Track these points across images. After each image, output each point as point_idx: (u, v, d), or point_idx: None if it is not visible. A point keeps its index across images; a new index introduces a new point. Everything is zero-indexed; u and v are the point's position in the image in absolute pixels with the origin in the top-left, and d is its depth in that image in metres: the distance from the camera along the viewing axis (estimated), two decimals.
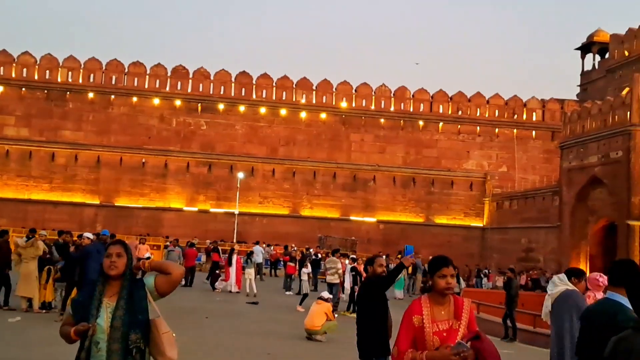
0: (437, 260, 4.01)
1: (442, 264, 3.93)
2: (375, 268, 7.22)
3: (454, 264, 4.06)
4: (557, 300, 6.33)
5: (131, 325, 3.61)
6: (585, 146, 31.92)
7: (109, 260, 3.72)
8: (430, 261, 4.08)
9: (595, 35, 44.62)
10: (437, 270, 3.92)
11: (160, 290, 3.79)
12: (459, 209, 43.72)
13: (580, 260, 32.54)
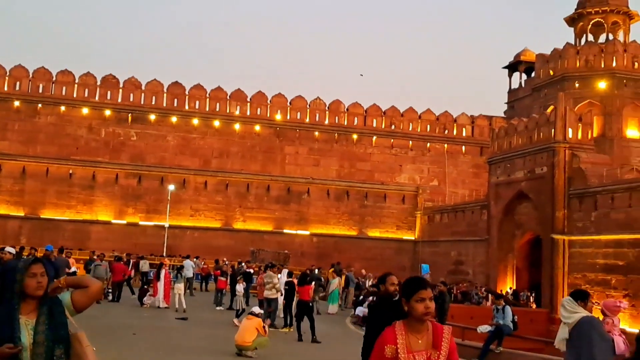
0: (413, 281, 3.64)
1: (419, 285, 3.57)
2: (387, 286, 7.00)
3: (431, 285, 3.74)
4: (576, 327, 6.33)
5: (55, 341, 3.59)
6: (512, 162, 32.86)
7: (35, 281, 3.63)
8: (404, 283, 3.70)
9: (522, 54, 46.17)
10: (413, 293, 3.54)
11: (77, 305, 3.77)
12: (391, 222, 44.20)
13: (507, 273, 33.41)
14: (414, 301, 3.55)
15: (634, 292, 24.58)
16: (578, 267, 27.73)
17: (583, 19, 37.66)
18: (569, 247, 28.42)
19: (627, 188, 26.08)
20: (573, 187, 28.84)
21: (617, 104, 34.92)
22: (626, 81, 35.15)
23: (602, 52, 35.89)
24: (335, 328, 20.11)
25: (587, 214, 27.86)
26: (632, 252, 24.96)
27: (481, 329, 15.65)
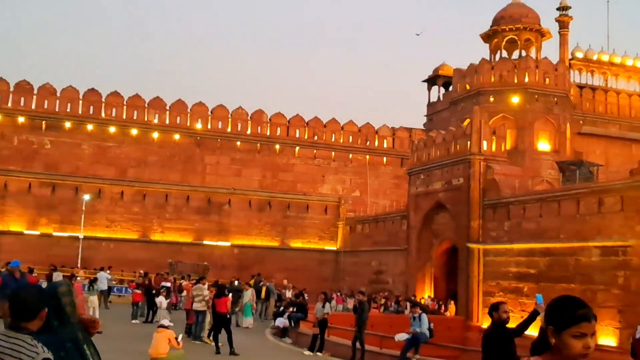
0: (572, 307, 2.60)
1: (581, 316, 2.55)
2: (500, 314, 7.30)
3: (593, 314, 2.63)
4: None
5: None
6: (431, 173, 33.58)
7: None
8: (556, 306, 2.66)
9: (441, 68, 47.46)
10: (570, 325, 2.55)
11: None
12: (314, 232, 44.26)
13: (425, 281, 34.03)
14: (569, 335, 2.58)
15: (545, 299, 25.40)
16: (492, 275, 28.52)
17: (498, 36, 39.03)
18: (484, 256, 29.22)
19: (537, 199, 27.08)
20: (487, 198, 29.72)
21: (529, 118, 36.29)
22: (537, 96, 36.60)
23: (515, 68, 37.27)
24: (254, 340, 19.85)
25: (500, 224, 28.74)
26: (542, 260, 25.89)
27: (398, 337, 15.80)
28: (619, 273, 22.31)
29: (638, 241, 21.67)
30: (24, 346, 3.03)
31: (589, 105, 42.03)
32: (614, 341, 22.10)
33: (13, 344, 3.04)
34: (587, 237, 23.80)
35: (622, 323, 21.92)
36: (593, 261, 23.49)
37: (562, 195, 25.97)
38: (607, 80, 43.30)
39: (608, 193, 23.43)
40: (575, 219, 24.71)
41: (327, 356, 17.66)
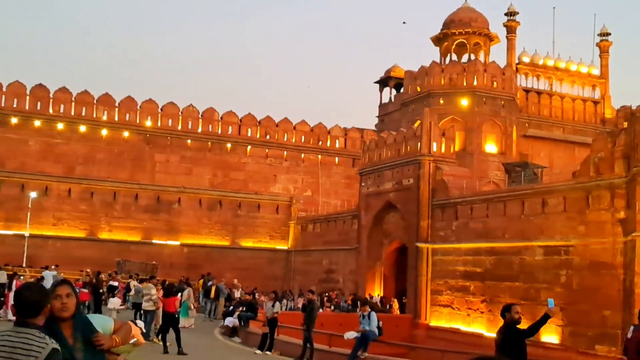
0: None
1: None
2: (512, 315, 7.62)
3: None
4: None
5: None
6: (382, 173, 33.94)
7: (59, 302, 3.56)
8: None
9: (392, 70, 47.98)
10: None
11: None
12: (265, 232, 44.15)
13: (375, 280, 34.38)
14: None
15: (490, 297, 26.05)
16: (440, 274, 29.02)
17: (448, 39, 39.71)
18: (432, 255, 29.71)
19: (484, 199, 27.67)
20: (436, 198, 30.21)
21: (477, 121, 37.06)
22: (485, 99, 37.40)
23: (464, 71, 38.00)
24: (203, 339, 19.70)
25: (448, 224, 29.26)
26: (488, 259, 26.47)
27: (347, 336, 15.90)
28: (561, 272, 22.97)
29: (580, 241, 22.35)
30: (33, 339, 3.20)
31: (534, 108, 43.13)
32: (556, 338, 22.75)
33: (23, 338, 3.20)
34: (531, 237, 24.44)
35: (564, 321, 22.57)
36: (537, 260, 24.12)
37: (508, 196, 26.60)
38: (552, 84, 44.51)
39: (551, 194, 24.09)
40: (520, 219, 25.33)
41: (276, 355, 17.67)
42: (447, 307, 28.42)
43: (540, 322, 7.96)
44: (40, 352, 3.16)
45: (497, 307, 25.48)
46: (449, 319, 28.19)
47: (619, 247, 20.84)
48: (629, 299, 19.66)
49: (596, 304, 21.36)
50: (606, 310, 20.98)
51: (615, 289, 20.75)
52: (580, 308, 21.84)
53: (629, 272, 19.85)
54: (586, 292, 21.76)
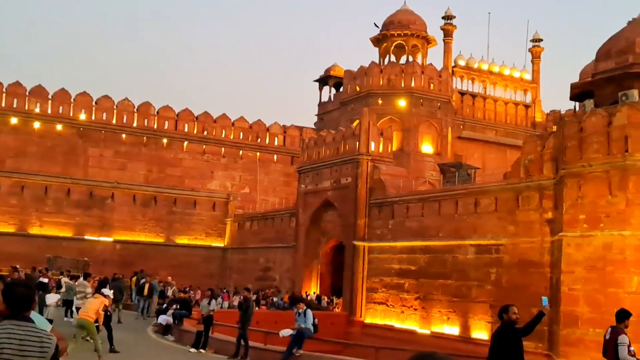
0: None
1: None
2: (510, 315, 8.03)
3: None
4: None
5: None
6: (320, 172, 34.09)
7: None
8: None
9: (332, 69, 48.18)
10: None
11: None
12: (201, 229, 43.65)
13: (311, 278, 34.53)
14: None
15: (424, 295, 26.54)
16: (376, 272, 29.38)
17: (387, 40, 40.17)
18: (369, 253, 30.04)
19: (420, 199, 28.17)
20: (374, 197, 30.56)
21: (414, 122, 37.65)
22: (422, 101, 38.05)
23: (402, 72, 38.52)
24: (135, 337, 19.33)
25: (385, 222, 29.65)
26: (423, 257, 26.96)
27: (282, 333, 15.89)
28: (491, 270, 23.62)
29: (509, 240, 23.03)
30: (40, 334, 3.37)
31: (469, 111, 44.16)
32: (486, 334, 23.36)
33: (29, 332, 3.34)
34: (464, 236, 25.03)
35: (493, 317, 23.20)
36: (469, 258, 24.73)
37: (443, 196, 27.15)
38: (486, 88, 45.67)
39: (484, 194, 24.73)
40: (453, 219, 25.91)
41: (210, 353, 17.51)
42: (382, 305, 28.80)
43: (535, 320, 8.39)
44: (50, 346, 3.35)
45: (430, 305, 26.03)
46: (384, 316, 28.58)
47: (547, 246, 21.58)
48: (555, 297, 20.38)
49: (524, 301, 21.97)
50: (534, 307, 21.58)
51: (542, 286, 21.46)
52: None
53: (556, 270, 20.57)
54: (515, 290, 22.43)
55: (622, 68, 20.93)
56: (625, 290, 18.17)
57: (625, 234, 18.44)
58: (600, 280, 18.74)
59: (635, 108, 18.88)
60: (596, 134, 19.62)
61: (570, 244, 19.71)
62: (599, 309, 18.54)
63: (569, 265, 19.58)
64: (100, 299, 13.92)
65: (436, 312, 25.78)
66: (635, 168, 18.62)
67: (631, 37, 21.33)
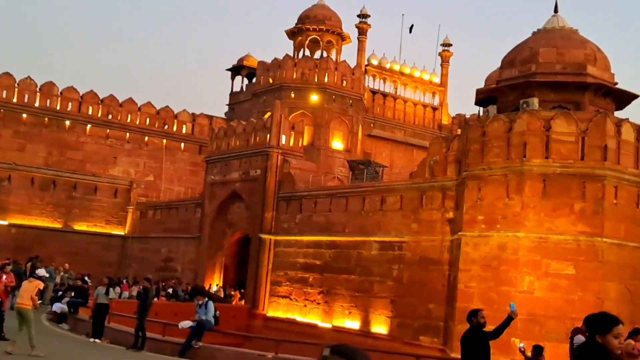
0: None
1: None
2: (479, 319, 8.44)
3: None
4: None
5: None
6: (229, 162, 33.69)
7: None
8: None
9: (245, 59, 47.70)
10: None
11: None
12: (101, 216, 42.14)
13: (215, 270, 34.11)
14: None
15: (327, 289, 26.78)
16: (281, 266, 29.38)
17: (302, 34, 40.18)
18: (274, 247, 29.99)
19: (328, 194, 28.39)
20: (282, 191, 30.53)
21: (326, 117, 37.88)
22: (335, 97, 38.33)
23: (316, 67, 38.65)
24: None
25: (292, 216, 29.69)
26: (328, 252, 27.20)
27: (182, 325, 15.62)
28: (394, 266, 24.14)
29: (412, 238, 23.61)
30: None
31: (379, 110, 44.88)
32: (385, 329, 23.89)
33: None
34: (369, 232, 25.45)
35: (393, 312, 23.77)
36: (372, 254, 25.17)
37: (350, 192, 27.49)
38: (397, 88, 46.56)
39: (390, 192, 25.22)
40: (360, 215, 26.28)
41: (107, 344, 16.98)
42: (286, 298, 28.84)
43: (504, 324, 8.82)
44: None
45: (333, 299, 26.31)
46: (286, 310, 28.63)
47: (447, 245, 22.28)
48: (452, 294, 21.10)
49: (423, 297, 22.70)
50: (431, 303, 22.37)
51: (440, 283, 22.16)
52: (408, 301, 23.10)
53: (454, 268, 21.28)
54: (415, 286, 23.05)
55: (524, 77, 21.87)
56: (517, 289, 19.03)
57: (520, 235, 19.30)
58: (495, 279, 19.53)
59: (534, 116, 19.77)
60: (497, 139, 20.42)
61: (469, 243, 20.44)
62: (492, 307, 19.28)
63: (466, 263, 20.30)
64: (35, 283, 13.32)
65: (338, 307, 26.08)
66: (531, 173, 19.51)
67: (535, 47, 22.32)
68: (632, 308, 18.86)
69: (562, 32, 22.77)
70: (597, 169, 19.10)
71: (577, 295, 18.48)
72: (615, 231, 19.08)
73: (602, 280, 18.62)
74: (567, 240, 18.94)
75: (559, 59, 21.74)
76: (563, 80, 21.25)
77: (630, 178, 19.63)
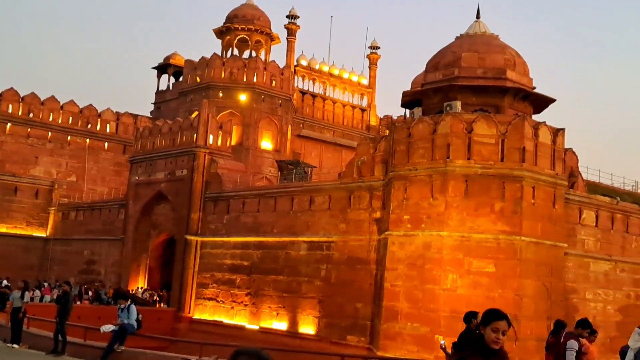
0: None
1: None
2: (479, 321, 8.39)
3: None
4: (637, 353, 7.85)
5: None
6: (154, 162, 33.03)
7: None
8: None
9: (172, 57, 46.88)
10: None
11: None
12: (21, 217, 40.53)
13: (139, 272, 33.36)
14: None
15: (255, 290, 26.62)
16: (207, 267, 29.01)
17: (230, 33, 39.85)
18: (201, 248, 29.58)
19: (256, 194, 28.23)
20: (209, 191, 30.16)
21: (255, 117, 37.71)
22: (264, 97, 38.20)
23: (245, 67, 38.41)
24: None
25: (220, 217, 29.36)
26: (256, 253, 27.05)
27: (104, 329, 15.15)
28: (322, 266, 24.24)
29: (340, 237, 23.77)
30: None
31: (309, 110, 45.06)
32: (312, 329, 23.95)
33: None
34: (298, 232, 25.46)
35: (321, 312, 23.86)
36: (301, 255, 25.19)
37: (279, 192, 27.43)
38: (326, 89, 46.86)
39: (318, 192, 25.32)
40: (289, 215, 26.25)
41: (25, 349, 16.32)
42: (212, 300, 28.49)
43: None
44: None
45: (260, 300, 26.18)
46: (213, 312, 28.29)
47: (374, 244, 22.55)
48: (379, 292, 21.36)
49: (350, 296, 22.89)
50: (359, 302, 22.58)
51: (367, 282, 22.40)
52: (336, 301, 23.24)
53: (381, 267, 21.56)
54: (342, 286, 23.21)
55: (448, 80, 22.40)
56: (441, 287, 19.46)
57: (443, 234, 19.75)
58: (420, 277, 19.91)
59: (457, 118, 20.28)
60: (422, 140, 20.83)
61: (395, 242, 20.75)
62: (417, 305, 19.70)
63: (393, 262, 20.60)
64: None
65: (266, 308, 25.97)
66: (454, 174, 20.00)
67: (458, 52, 22.89)
68: (550, 304, 19.63)
69: (484, 37, 23.45)
70: (515, 170, 19.76)
71: (497, 292, 19.06)
72: (533, 230, 19.79)
73: (521, 277, 19.27)
74: (488, 239, 19.51)
75: (480, 64, 22.37)
76: (484, 84, 21.87)
77: (546, 179, 20.41)
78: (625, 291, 22.73)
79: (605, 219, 22.50)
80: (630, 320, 19.29)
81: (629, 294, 22.82)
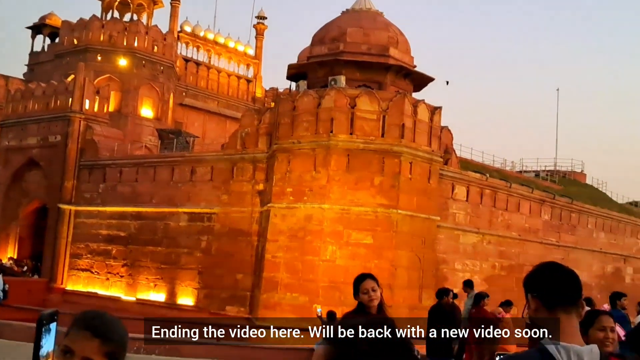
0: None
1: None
2: (448, 299, 9.50)
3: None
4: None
5: None
6: (26, 127, 31.26)
7: None
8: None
9: (48, 17, 44.12)
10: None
11: None
12: None
13: (9, 241, 31.66)
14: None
15: (132, 262, 25.98)
16: (82, 237, 27.94)
17: None
18: (75, 218, 28.43)
19: (135, 163, 27.41)
20: (84, 159, 28.95)
21: (135, 83, 36.35)
22: (145, 62, 36.87)
23: (125, 30, 36.83)
24: None
25: (95, 186, 28.29)
26: (133, 224, 26.35)
27: None
28: (202, 237, 24.04)
29: (222, 209, 23.64)
30: None
31: (192, 78, 44.03)
32: (192, 300, 23.79)
33: None
34: (178, 203, 25.05)
35: (200, 284, 23.73)
36: (181, 226, 24.83)
37: (159, 162, 26.80)
38: (210, 57, 45.95)
39: (200, 163, 24.98)
40: (169, 186, 25.74)
41: None
42: (87, 272, 27.53)
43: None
44: None
45: (137, 272, 25.63)
46: (87, 283, 27.36)
47: (256, 216, 22.63)
48: (259, 264, 21.53)
49: (230, 268, 22.90)
50: (239, 273, 22.65)
51: (249, 254, 22.50)
52: (216, 272, 23.18)
53: (262, 239, 21.70)
54: (223, 257, 23.17)
55: (333, 54, 22.67)
56: (321, 258, 19.90)
57: (325, 207, 20.15)
58: (300, 248, 20.24)
59: (341, 93, 20.62)
60: (306, 114, 21.02)
61: (277, 214, 20.94)
62: (296, 275, 20.05)
63: (274, 234, 20.79)
64: None
65: (143, 279, 25.45)
66: (337, 148, 20.39)
67: (343, 26, 23.18)
68: (421, 274, 20.61)
69: (369, 13, 23.87)
70: (395, 145, 20.43)
71: (374, 262, 19.73)
72: (409, 203, 20.61)
73: (396, 248, 20.07)
74: (367, 212, 20.11)
75: (364, 40, 22.80)
76: (368, 60, 22.33)
77: (423, 155, 21.27)
78: (491, 262, 24.28)
79: (475, 194, 23.81)
80: (494, 289, 20.60)
81: (494, 265, 24.38)
